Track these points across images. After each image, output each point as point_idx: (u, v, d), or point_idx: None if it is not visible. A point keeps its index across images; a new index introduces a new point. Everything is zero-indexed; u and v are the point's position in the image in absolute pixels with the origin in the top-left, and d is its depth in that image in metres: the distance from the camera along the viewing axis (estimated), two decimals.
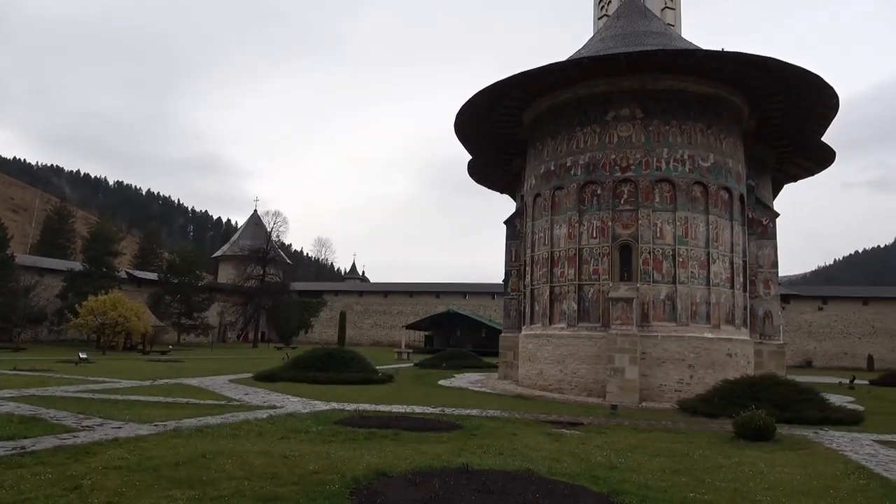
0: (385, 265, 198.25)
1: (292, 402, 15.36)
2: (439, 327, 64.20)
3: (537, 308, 22.77)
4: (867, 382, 33.01)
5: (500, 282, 29.58)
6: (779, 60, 19.26)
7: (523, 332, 23.90)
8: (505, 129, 26.03)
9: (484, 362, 36.46)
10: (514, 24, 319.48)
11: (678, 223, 20.47)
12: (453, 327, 62.67)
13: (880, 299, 65.22)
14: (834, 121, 23.47)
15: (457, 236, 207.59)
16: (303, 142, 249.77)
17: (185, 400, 15.17)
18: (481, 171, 31.74)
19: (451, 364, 33.90)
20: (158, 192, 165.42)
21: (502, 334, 27.97)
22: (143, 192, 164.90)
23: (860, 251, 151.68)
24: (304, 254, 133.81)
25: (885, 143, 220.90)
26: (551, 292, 22.03)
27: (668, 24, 31.79)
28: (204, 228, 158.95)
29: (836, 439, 12.24)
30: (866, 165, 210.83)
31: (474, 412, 14.73)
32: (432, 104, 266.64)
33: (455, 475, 7.33)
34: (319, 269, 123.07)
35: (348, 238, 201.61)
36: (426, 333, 66.99)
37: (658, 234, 20.49)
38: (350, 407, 14.59)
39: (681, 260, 20.31)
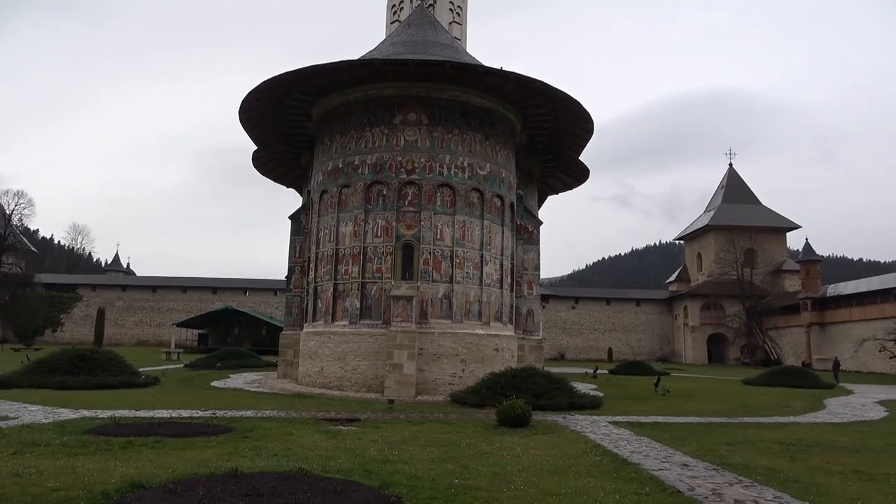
0: (155, 258, 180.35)
1: (31, 412, 13.34)
2: (215, 325, 60.50)
3: (320, 305, 22.58)
4: (607, 372, 38.17)
5: (284, 278, 28.78)
6: (546, 84, 21.39)
7: (305, 330, 23.54)
8: (293, 122, 25.41)
9: (263, 361, 35.18)
10: (306, 18, 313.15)
11: (457, 226, 21.73)
12: (231, 325, 59.51)
13: (619, 300, 75.96)
14: (589, 142, 26.74)
15: (239, 230, 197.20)
16: (58, 115, 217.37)
17: None
18: (267, 163, 30.57)
19: (227, 364, 32.15)
20: None
21: (283, 332, 27.25)
22: None
23: (606, 258, 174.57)
24: (56, 242, 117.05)
25: (625, 165, 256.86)
26: (335, 289, 21.99)
27: (455, 37, 33.64)
28: None
29: (580, 422, 13.93)
30: (610, 184, 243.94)
31: (249, 413, 14.14)
32: (214, 89, 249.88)
33: (223, 481, 6.96)
34: (74, 259, 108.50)
35: (111, 226, 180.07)
36: (200, 332, 62.68)
37: (438, 236, 21.54)
38: (105, 414, 13.08)
39: (458, 261, 21.58)
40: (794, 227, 74.96)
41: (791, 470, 8.96)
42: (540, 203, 32.70)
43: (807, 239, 63.42)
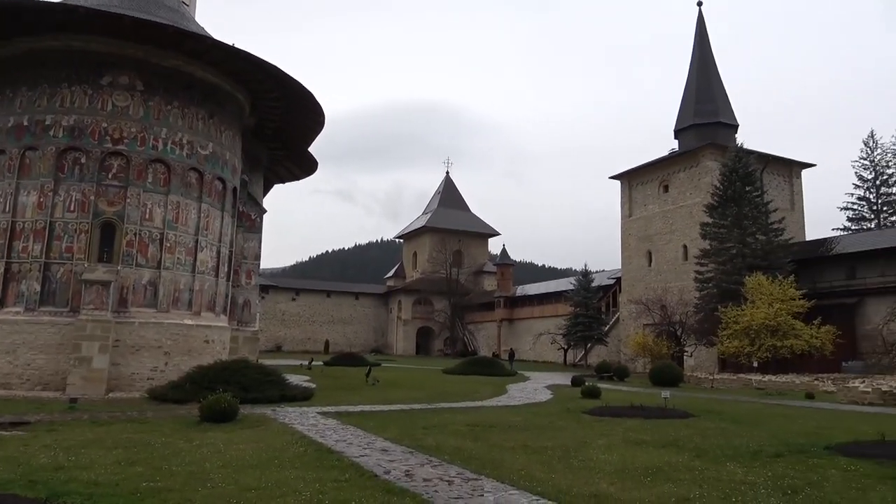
0: None
1: None
2: None
3: None
4: (322, 363, 38.68)
5: None
6: (278, 68, 20.78)
7: None
8: None
9: None
10: None
11: (170, 207, 19.96)
12: None
13: (339, 293, 77.69)
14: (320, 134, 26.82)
15: None
16: None
17: None
18: None
19: None
20: None
21: None
22: None
23: (329, 251, 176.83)
24: None
25: (348, 161, 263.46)
26: (7, 270, 18.49)
27: (183, 2, 30.89)
28: None
29: (289, 414, 13.87)
30: (333, 177, 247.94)
31: None
32: None
33: None
34: None
35: None
36: None
37: (147, 216, 19.54)
38: None
39: (168, 245, 19.84)
40: (495, 233, 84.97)
41: (474, 448, 10.10)
42: (266, 191, 31.79)
43: (504, 245, 72.36)
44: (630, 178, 50.75)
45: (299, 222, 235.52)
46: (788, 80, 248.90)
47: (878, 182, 59.10)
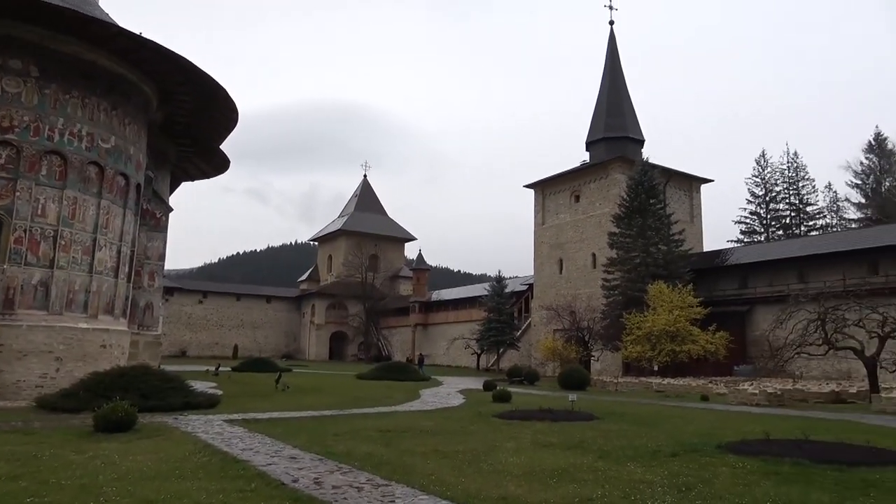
0: None
1: None
2: None
3: None
4: (230, 369, 37.31)
5: None
6: (188, 60, 19.91)
7: None
8: None
9: None
10: None
11: (66, 202, 18.72)
12: None
13: (250, 296, 75.44)
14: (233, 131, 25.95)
15: None
16: None
17: None
18: None
19: None
20: None
21: None
22: None
23: (240, 253, 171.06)
24: None
25: (263, 160, 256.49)
26: None
27: None
28: None
29: (193, 422, 13.29)
30: (244, 176, 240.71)
31: None
32: None
33: None
34: None
35: None
36: None
37: (40, 212, 18.23)
38: None
39: (63, 243, 18.59)
40: (412, 238, 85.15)
41: (385, 454, 10.04)
42: (173, 188, 30.44)
43: (420, 250, 72.67)
44: (544, 187, 52.22)
45: (208, 222, 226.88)
46: (692, 98, 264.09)
47: (767, 198, 63.91)
